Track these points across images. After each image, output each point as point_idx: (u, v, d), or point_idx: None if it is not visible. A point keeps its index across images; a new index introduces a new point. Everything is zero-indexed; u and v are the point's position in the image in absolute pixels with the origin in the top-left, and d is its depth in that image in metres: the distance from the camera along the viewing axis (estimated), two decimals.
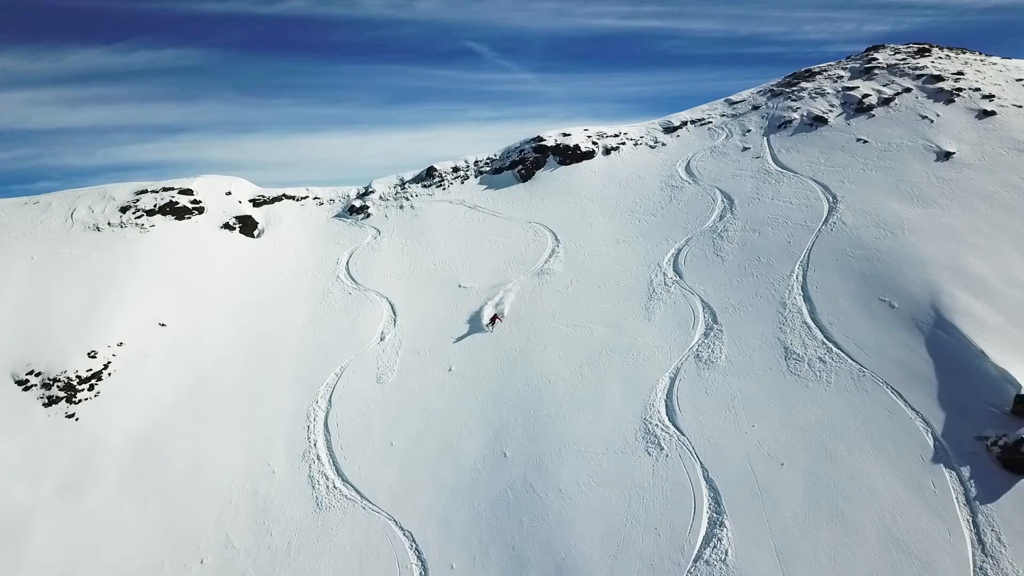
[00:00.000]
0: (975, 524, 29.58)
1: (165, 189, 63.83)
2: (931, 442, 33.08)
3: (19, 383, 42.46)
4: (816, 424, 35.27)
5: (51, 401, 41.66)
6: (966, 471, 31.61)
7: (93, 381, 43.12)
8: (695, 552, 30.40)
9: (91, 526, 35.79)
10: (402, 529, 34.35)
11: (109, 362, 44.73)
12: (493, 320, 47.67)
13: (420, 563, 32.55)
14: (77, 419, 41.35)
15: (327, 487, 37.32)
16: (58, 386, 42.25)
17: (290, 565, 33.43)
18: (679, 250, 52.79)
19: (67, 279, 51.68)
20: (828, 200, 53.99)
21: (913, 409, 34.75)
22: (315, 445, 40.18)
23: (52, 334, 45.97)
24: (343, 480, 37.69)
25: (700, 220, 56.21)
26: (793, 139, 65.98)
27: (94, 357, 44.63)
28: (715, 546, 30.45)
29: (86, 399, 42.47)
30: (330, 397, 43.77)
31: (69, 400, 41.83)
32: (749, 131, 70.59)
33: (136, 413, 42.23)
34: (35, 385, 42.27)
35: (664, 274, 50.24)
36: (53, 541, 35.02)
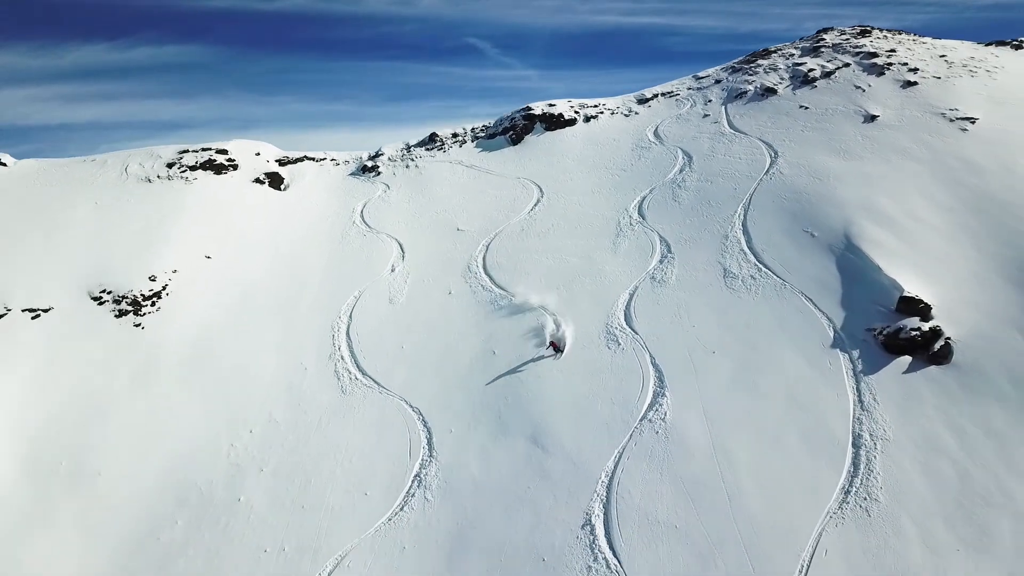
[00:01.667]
0: (858, 389, 35.76)
1: (204, 149, 69.49)
2: (832, 334, 39.26)
3: (94, 299, 48.34)
4: (743, 324, 41.39)
5: (121, 314, 47.54)
6: (856, 353, 37.82)
7: (154, 299, 48.97)
8: (641, 414, 36.55)
9: (160, 407, 41.67)
10: (411, 407, 40.28)
11: (166, 285, 50.61)
12: (554, 347, 42.40)
13: (426, 430, 38.53)
14: (143, 328, 47.24)
15: (350, 378, 43.23)
16: (126, 302, 48.11)
17: (322, 433, 39.40)
18: (644, 198, 58.66)
19: (127, 220, 57.51)
20: (771, 155, 59.88)
21: (820, 310, 40.90)
22: (339, 348, 46.04)
23: (118, 262, 51.83)
24: (363, 373, 43.57)
25: (663, 174, 62.03)
26: (747, 107, 71.66)
27: (154, 280, 50.48)
28: (656, 410, 36.57)
29: (149, 312, 48.34)
30: (350, 313, 49.60)
31: (135, 313, 47.69)
32: (710, 101, 76.27)
33: (190, 324, 48.10)
34: (107, 301, 48.12)
35: (630, 217, 56.17)
36: (132, 419, 40.88)
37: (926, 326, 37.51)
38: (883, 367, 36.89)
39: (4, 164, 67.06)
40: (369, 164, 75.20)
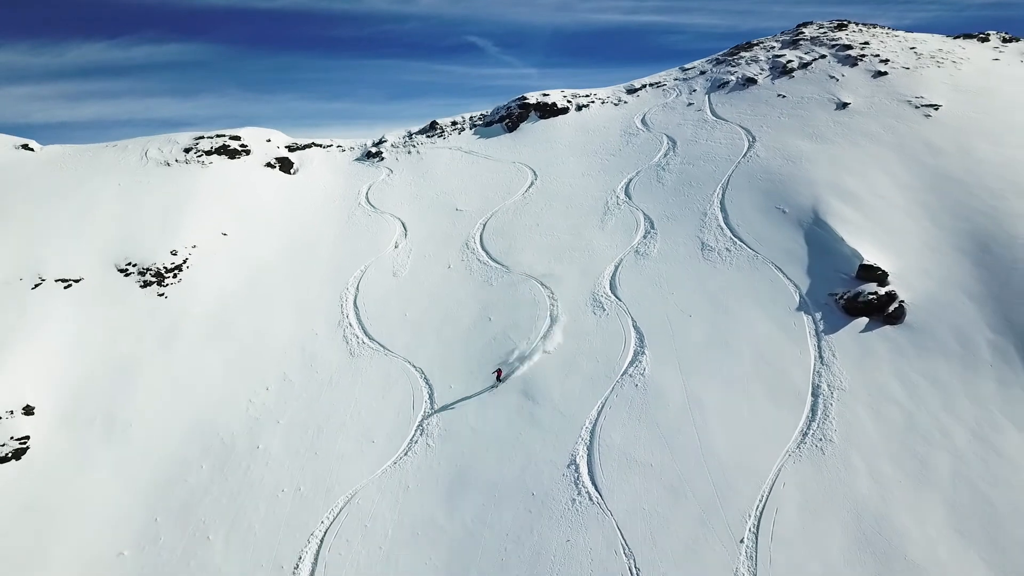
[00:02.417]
0: (819, 347, 38.35)
1: (218, 135, 71.78)
2: (797, 298, 41.84)
3: (121, 271, 50.76)
4: (718, 291, 43.93)
5: (146, 284, 49.98)
6: (819, 315, 40.40)
7: (176, 271, 51.41)
8: (622, 370, 39.12)
9: (184, 367, 44.12)
10: (414, 366, 42.80)
11: (187, 258, 53.04)
12: (498, 374, 40.41)
13: (428, 386, 41.06)
14: (166, 297, 49.69)
15: (358, 342, 45.73)
16: (150, 273, 50.54)
17: (332, 390, 41.89)
18: (630, 180, 61.11)
19: (149, 199, 59.88)
20: (748, 140, 62.32)
21: (788, 278, 43.45)
22: (347, 316, 48.52)
23: (142, 237, 54.24)
24: (369, 338, 46.06)
25: (649, 157, 64.47)
26: (729, 96, 74.05)
27: (175, 254, 52.90)
28: (636, 366, 39.14)
29: (171, 283, 50.79)
30: (357, 285, 52.08)
31: (159, 283, 50.13)
32: (695, 91, 78.64)
33: (209, 293, 50.54)
34: (133, 273, 50.53)
35: (617, 197, 58.64)
36: (159, 378, 43.30)
37: (883, 291, 40.04)
38: (842, 327, 39.47)
39: (31, 149, 69.41)
40: (373, 150, 77.55)
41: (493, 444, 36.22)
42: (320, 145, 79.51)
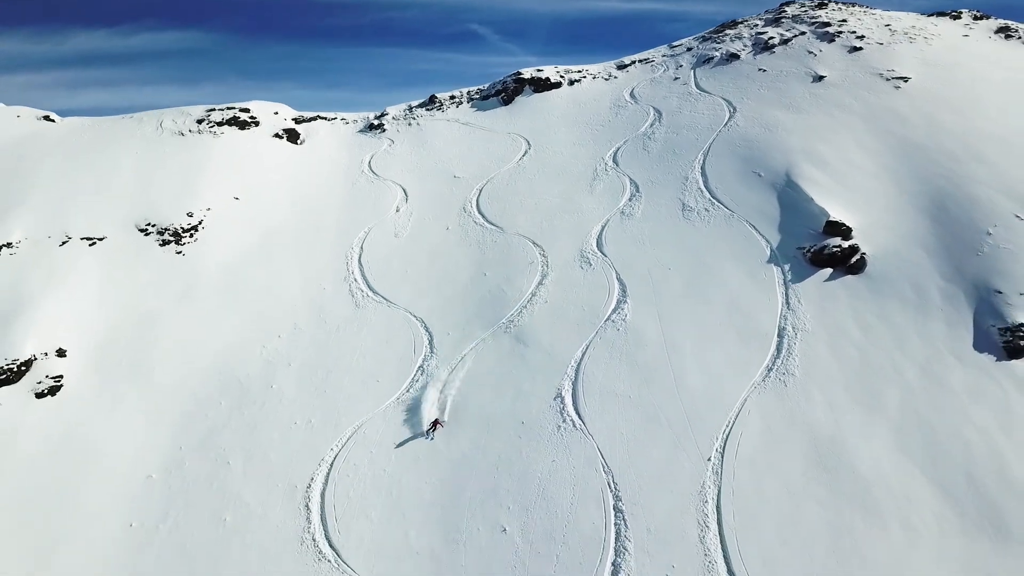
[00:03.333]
0: (786, 294, 40.68)
1: (228, 108, 73.54)
2: (768, 252, 44.11)
3: (141, 231, 52.85)
4: (696, 247, 46.17)
5: (164, 243, 52.10)
6: (787, 267, 42.70)
7: (192, 231, 53.51)
8: (606, 317, 41.44)
9: (202, 317, 46.27)
10: (415, 316, 45.01)
11: (202, 220, 55.12)
12: (434, 425, 35.78)
13: (428, 333, 43.31)
14: (184, 255, 51.81)
15: (362, 295, 47.91)
16: (168, 233, 52.64)
17: (339, 338, 44.11)
18: (618, 148, 63.14)
19: (165, 166, 61.85)
20: (730, 111, 64.31)
21: (761, 234, 45.69)
22: (352, 272, 50.66)
23: (160, 200, 56.27)
24: (373, 291, 48.22)
25: (636, 128, 66.44)
26: (713, 71, 75.85)
27: (191, 216, 54.97)
28: (619, 313, 41.45)
29: (188, 243, 52.90)
30: (361, 245, 54.21)
31: (177, 243, 52.25)
32: (681, 66, 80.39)
33: (224, 252, 52.64)
34: (152, 233, 52.63)
35: (606, 164, 60.71)
36: (179, 327, 45.41)
37: (846, 244, 42.33)
38: (808, 277, 41.82)
39: (52, 120, 71.27)
40: (375, 123, 79.40)
41: (487, 381, 38.58)
42: (325, 118, 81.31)
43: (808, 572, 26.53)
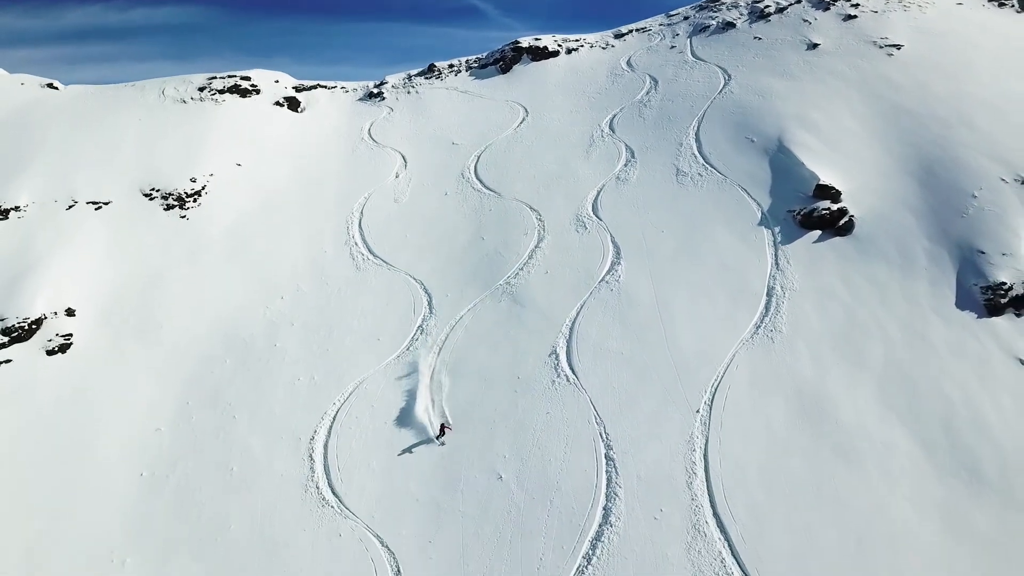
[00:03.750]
0: (775, 255, 41.33)
1: (229, 76, 73.48)
2: (759, 215, 44.69)
3: (145, 195, 53.31)
4: (689, 211, 46.72)
5: (169, 207, 52.59)
6: (777, 229, 43.30)
7: (195, 196, 53.96)
8: (600, 278, 42.13)
9: (207, 279, 46.86)
10: (415, 279, 45.61)
11: (205, 185, 55.55)
12: (442, 431, 33.44)
13: (427, 294, 43.96)
14: (188, 219, 52.31)
15: (363, 258, 48.50)
16: (172, 198, 53.11)
17: (340, 299, 44.76)
18: (614, 115, 63.37)
19: (167, 133, 62.11)
20: (724, 78, 64.45)
21: (752, 198, 46.23)
22: (353, 236, 51.20)
23: (163, 166, 56.63)
24: (373, 255, 48.79)
25: (632, 95, 66.60)
26: (709, 39, 75.73)
27: (194, 181, 55.38)
28: (613, 274, 42.16)
29: (192, 207, 53.37)
30: (362, 210, 54.68)
31: (180, 207, 52.73)
32: (678, 35, 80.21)
33: (227, 216, 53.12)
34: (156, 197, 53.09)
35: (602, 131, 61.00)
36: (184, 287, 46.00)
37: (835, 207, 42.92)
38: (798, 239, 42.45)
39: (56, 88, 71.36)
40: (375, 91, 79.43)
41: (485, 340, 39.36)
42: (325, 87, 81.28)
43: (790, 515, 27.45)
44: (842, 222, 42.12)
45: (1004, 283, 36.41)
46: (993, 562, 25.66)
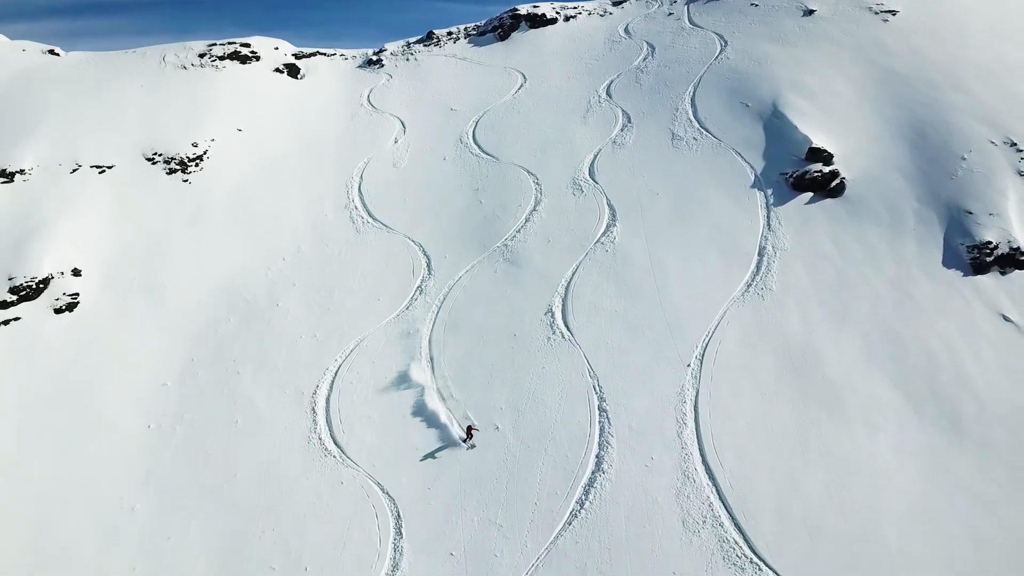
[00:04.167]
0: (768, 217, 41.77)
1: (229, 43, 73.24)
2: (752, 178, 45.06)
3: (148, 160, 53.57)
4: (684, 174, 47.06)
5: (171, 171, 52.89)
6: (770, 191, 43.70)
7: (197, 161, 54.22)
8: (595, 240, 42.60)
9: (209, 241, 47.31)
10: (414, 241, 46.07)
11: (207, 150, 55.78)
12: (470, 433, 31.21)
13: (426, 256, 44.41)
14: (190, 183, 52.63)
15: (362, 222, 48.89)
16: (175, 162, 53.40)
17: (341, 261, 45.23)
18: (611, 81, 63.35)
19: (169, 98, 62.16)
20: (720, 45, 64.32)
21: (746, 161, 46.57)
22: (353, 200, 51.54)
23: (166, 131, 56.82)
24: (373, 218, 49.16)
25: (629, 62, 66.49)
26: (706, 6, 75.24)
27: (196, 146, 55.61)
28: (608, 236, 42.62)
29: (194, 171, 53.65)
30: (361, 175, 54.95)
31: (183, 171, 53.03)
32: (675, 2, 79.61)
33: (229, 180, 53.42)
34: (159, 162, 53.37)
35: (599, 96, 61.06)
36: (187, 249, 46.43)
37: (827, 169, 43.25)
38: (790, 200, 42.89)
39: (57, 54, 71.18)
40: (374, 58, 79.19)
41: (482, 300, 39.97)
42: (324, 54, 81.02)
43: (776, 463, 28.25)
44: (833, 184, 42.54)
45: (990, 242, 36.91)
46: (970, 507, 26.47)
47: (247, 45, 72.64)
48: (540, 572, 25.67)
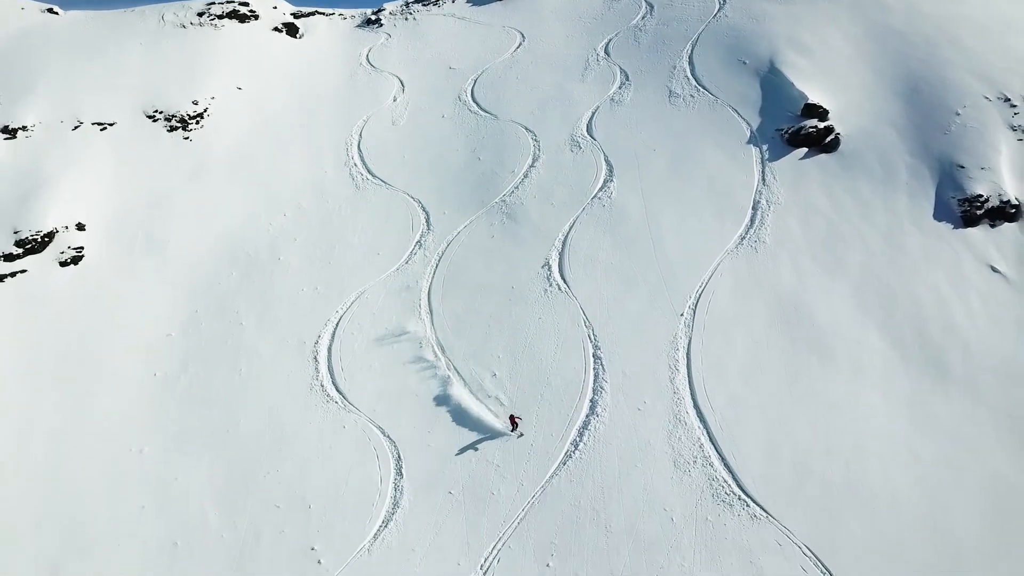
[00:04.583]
0: (762, 172, 42.01)
1: (227, 2, 72.69)
2: (748, 134, 45.16)
3: (149, 117, 53.59)
4: (681, 130, 47.13)
5: (172, 129, 52.94)
6: (765, 147, 43.86)
7: (198, 118, 54.22)
8: (593, 195, 42.85)
9: (211, 197, 47.48)
10: (413, 197, 46.27)
11: (207, 107, 55.73)
12: (514, 423, 29.56)
13: (425, 212, 44.68)
14: (191, 140, 52.69)
15: (362, 178, 49.03)
16: (175, 120, 53.42)
17: (341, 216, 45.48)
18: (610, 40, 62.95)
19: (169, 57, 61.87)
20: (719, 3, 63.69)
21: (742, 118, 46.63)
22: (352, 157, 51.61)
23: (166, 89, 56.66)
24: (372, 175, 49.28)
25: (628, 21, 65.94)
26: None
27: (196, 104, 55.55)
28: (605, 191, 42.87)
29: (195, 128, 53.68)
30: (360, 132, 54.94)
31: (184, 129, 53.07)
32: None
33: (230, 137, 53.45)
34: (160, 119, 53.39)
35: (597, 55, 60.76)
36: (189, 205, 46.64)
37: (822, 125, 43.34)
38: (784, 156, 43.09)
39: (56, 13, 70.67)
40: (373, 18, 78.54)
41: (480, 254, 40.37)
42: (323, 13, 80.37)
43: (766, 406, 28.93)
44: (828, 140, 42.70)
45: (981, 195, 37.21)
46: (953, 448, 27.17)
47: (245, 4, 72.08)
48: (536, 508, 26.42)
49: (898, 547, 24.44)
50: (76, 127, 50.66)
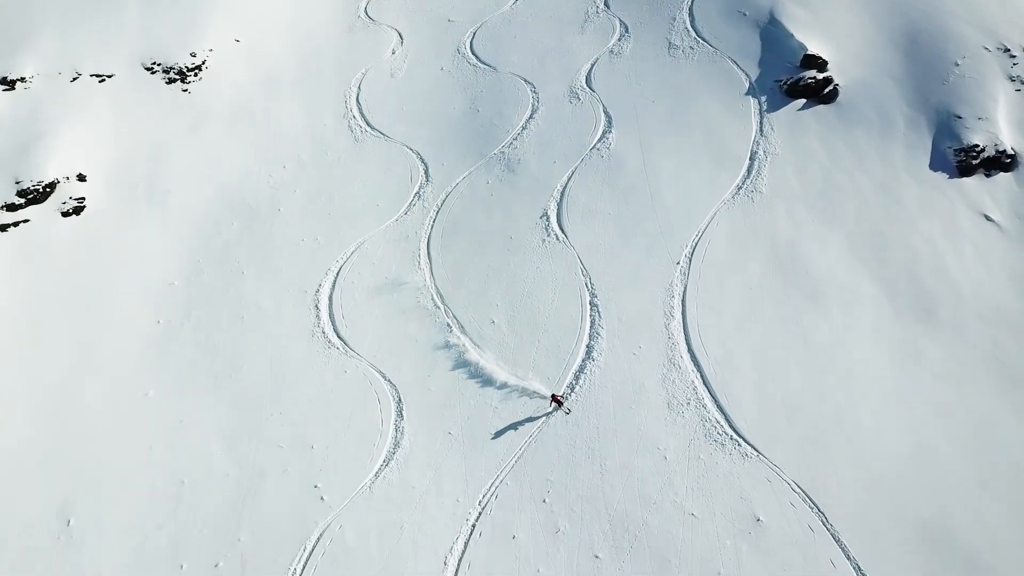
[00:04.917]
0: (760, 123, 41.95)
1: None
2: (747, 86, 44.95)
3: (147, 69, 53.22)
4: (679, 82, 46.89)
5: (170, 81, 52.62)
6: (764, 99, 43.69)
7: (196, 70, 53.86)
8: (591, 146, 42.86)
9: (211, 148, 47.47)
10: (411, 149, 46.24)
11: (205, 59, 55.31)
12: (558, 402, 28.57)
13: (423, 163, 44.71)
14: (189, 92, 52.43)
15: (361, 131, 48.94)
16: (174, 72, 53.07)
17: (341, 168, 45.50)
18: None
19: (166, 9, 60.78)
20: None
21: (741, 69, 46.35)
22: (351, 110, 51.43)
23: (163, 41, 56.10)
24: (371, 127, 49.17)
25: None
26: None
27: (194, 56, 55.11)
28: (604, 142, 42.90)
29: (193, 81, 53.37)
30: (359, 85, 54.61)
31: (182, 80, 52.75)
32: None
33: (228, 90, 53.19)
34: (158, 71, 53.04)
35: (597, 7, 60.02)
36: (189, 156, 46.62)
37: (821, 75, 43.13)
38: (783, 107, 42.95)
39: None
40: None
41: (479, 204, 40.54)
42: None
43: (758, 350, 29.43)
44: (827, 91, 42.52)
45: (977, 145, 37.24)
46: (939, 387, 27.72)
47: None
48: (533, 447, 27.05)
49: (884, 484, 25.12)
50: (75, 79, 50.40)
